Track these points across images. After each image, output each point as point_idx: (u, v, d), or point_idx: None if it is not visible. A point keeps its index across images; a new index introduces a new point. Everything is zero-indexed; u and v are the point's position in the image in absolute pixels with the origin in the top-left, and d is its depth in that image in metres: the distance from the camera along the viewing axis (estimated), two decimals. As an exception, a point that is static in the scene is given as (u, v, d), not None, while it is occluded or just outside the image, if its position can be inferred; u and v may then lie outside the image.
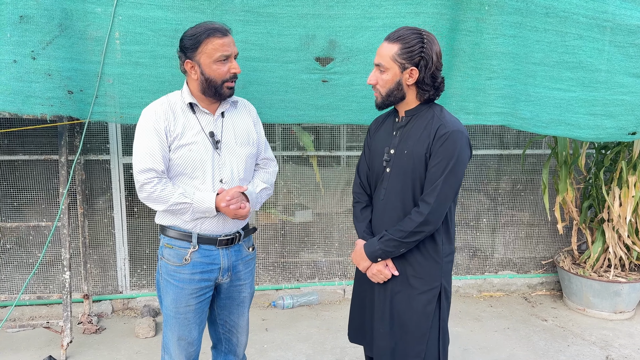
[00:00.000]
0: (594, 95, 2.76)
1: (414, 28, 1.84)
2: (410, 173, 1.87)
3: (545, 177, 3.74)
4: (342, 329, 3.43)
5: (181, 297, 2.00)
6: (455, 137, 1.80)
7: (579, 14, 2.59)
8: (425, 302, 1.91)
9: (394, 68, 1.82)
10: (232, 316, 2.18)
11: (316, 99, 2.59)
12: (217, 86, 1.92)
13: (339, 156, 3.87)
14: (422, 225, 1.83)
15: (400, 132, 1.92)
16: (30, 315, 3.45)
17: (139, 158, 1.90)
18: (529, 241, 4.15)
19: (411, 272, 1.93)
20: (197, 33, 1.87)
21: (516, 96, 2.67)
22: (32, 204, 3.45)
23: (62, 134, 2.98)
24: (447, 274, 1.95)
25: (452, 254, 1.98)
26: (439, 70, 1.85)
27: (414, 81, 1.83)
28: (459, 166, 1.82)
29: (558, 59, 2.66)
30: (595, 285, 3.61)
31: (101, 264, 3.60)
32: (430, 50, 1.80)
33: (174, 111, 1.94)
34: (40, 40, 2.31)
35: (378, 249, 1.91)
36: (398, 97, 1.88)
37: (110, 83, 2.44)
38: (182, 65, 1.95)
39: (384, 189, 1.95)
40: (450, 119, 1.85)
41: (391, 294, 1.96)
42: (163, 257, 2.03)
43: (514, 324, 3.55)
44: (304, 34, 2.47)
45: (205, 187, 1.97)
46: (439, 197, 1.81)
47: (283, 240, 3.86)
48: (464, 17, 2.49)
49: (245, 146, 2.05)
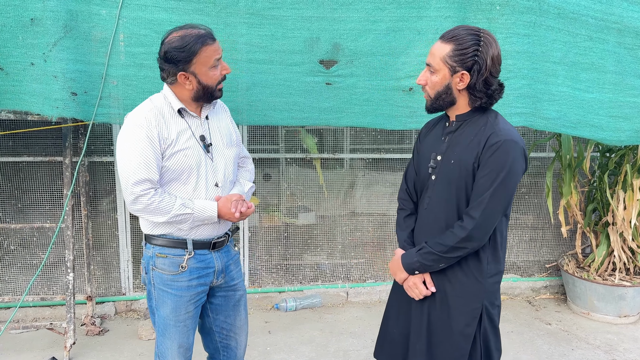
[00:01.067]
0: (610, 97, 2.72)
1: (472, 28, 1.68)
2: (456, 182, 1.73)
3: (549, 180, 3.73)
4: (346, 331, 3.43)
5: (181, 305, 1.96)
6: (508, 147, 1.64)
7: (588, 16, 2.58)
8: (465, 323, 1.76)
9: (443, 70, 1.69)
10: (228, 319, 2.13)
11: (320, 101, 2.59)
12: (213, 90, 1.89)
13: (342, 158, 3.87)
14: (465, 241, 1.68)
15: (450, 137, 1.78)
16: (33, 317, 3.46)
17: (132, 168, 1.81)
18: (532, 244, 4.13)
19: (450, 289, 1.78)
20: (188, 44, 1.79)
21: (537, 96, 2.64)
22: (36, 206, 3.46)
23: (66, 136, 2.99)
24: (491, 295, 1.79)
25: (499, 274, 1.80)
26: (494, 77, 1.69)
27: (465, 86, 1.69)
28: (510, 179, 1.65)
29: (574, 59, 2.63)
30: (600, 289, 3.59)
31: (104, 266, 3.60)
32: (485, 53, 1.64)
33: (164, 116, 1.87)
34: (48, 42, 2.33)
35: (416, 262, 1.78)
36: (447, 102, 1.74)
37: (115, 85, 2.44)
38: (170, 76, 1.86)
39: (428, 197, 1.83)
40: (504, 127, 1.69)
41: (428, 310, 1.83)
42: (155, 268, 1.95)
43: (517, 328, 3.54)
44: (308, 36, 2.48)
45: (198, 193, 1.92)
46: (485, 212, 1.66)
47: (286, 242, 3.86)
48: (475, 18, 2.48)
49: (230, 147, 2.03)
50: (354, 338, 3.34)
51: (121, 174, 1.85)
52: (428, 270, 1.80)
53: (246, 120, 2.62)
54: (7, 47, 2.30)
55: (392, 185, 3.89)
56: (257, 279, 3.83)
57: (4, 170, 3.40)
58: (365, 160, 3.88)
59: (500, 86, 1.74)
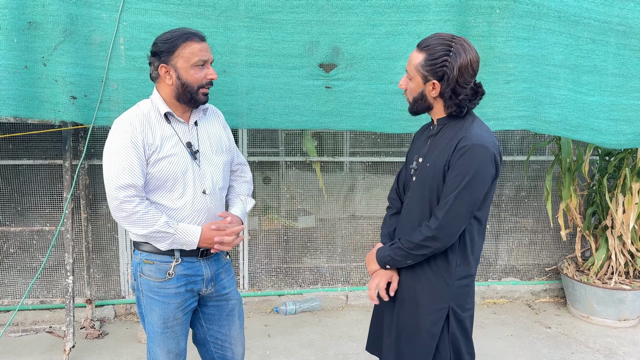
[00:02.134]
0: (612, 100, 2.72)
1: (446, 37, 1.72)
2: (429, 184, 1.78)
3: (548, 183, 3.73)
4: (345, 335, 3.42)
5: (169, 312, 1.93)
6: (475, 151, 1.68)
7: (590, 18, 2.58)
8: (431, 322, 1.81)
9: (417, 78, 1.75)
10: (222, 329, 2.08)
11: (319, 105, 2.59)
12: (193, 92, 1.86)
13: (342, 162, 3.87)
14: (429, 240, 1.73)
15: (431, 141, 1.84)
16: (33, 320, 3.46)
17: (116, 173, 1.79)
18: (532, 248, 4.13)
19: (419, 288, 1.83)
20: (173, 37, 1.81)
21: (538, 99, 2.64)
22: (36, 209, 3.46)
23: (66, 139, 3.00)
24: (459, 298, 1.81)
25: (468, 277, 1.83)
26: (463, 87, 1.72)
27: (437, 94, 1.75)
28: (475, 183, 1.69)
29: (576, 62, 2.63)
30: (599, 293, 3.59)
31: (104, 269, 3.60)
32: (453, 64, 1.68)
33: (149, 122, 1.85)
34: (48, 47, 2.33)
35: (387, 255, 1.85)
36: (423, 107, 1.81)
37: (115, 88, 2.45)
38: (154, 70, 1.87)
39: (407, 198, 1.90)
40: (476, 132, 1.72)
41: (398, 306, 1.89)
42: (142, 274, 1.93)
43: (517, 331, 3.54)
44: (308, 40, 2.48)
45: (185, 200, 1.89)
46: (449, 214, 1.70)
47: (286, 245, 3.86)
48: (475, 22, 2.48)
49: (220, 154, 2.01)
50: (354, 342, 3.33)
51: (105, 179, 1.83)
52: (397, 265, 1.86)
53: (246, 124, 2.62)
54: (2, 50, 2.28)
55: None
56: (256, 282, 3.83)
57: (4, 173, 3.41)
58: (365, 163, 3.88)
59: (474, 94, 1.76)
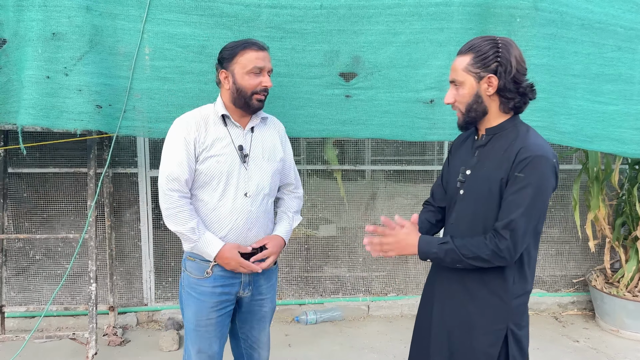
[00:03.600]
0: (637, 108, 2.66)
1: (487, 36, 1.68)
2: (484, 198, 1.67)
3: (576, 193, 3.64)
4: (366, 346, 3.38)
5: (202, 310, 2.01)
6: (538, 163, 1.58)
7: (617, 25, 2.53)
8: (488, 344, 1.70)
9: (469, 80, 1.66)
10: (253, 331, 2.17)
11: (340, 113, 2.58)
12: (247, 97, 1.95)
13: (364, 170, 3.85)
14: (494, 257, 1.62)
15: (480, 151, 1.73)
16: (57, 326, 3.51)
17: (165, 166, 1.95)
18: (559, 259, 4.03)
19: (473, 308, 1.72)
20: (235, 45, 1.95)
21: (554, 109, 2.60)
22: (61, 216, 3.52)
23: (91, 148, 3.04)
24: (516, 317, 1.71)
25: (526, 294, 1.73)
26: (523, 74, 1.65)
27: (495, 90, 1.65)
28: (539, 197, 1.59)
29: (597, 71, 2.58)
30: (630, 306, 3.48)
31: (127, 276, 3.64)
32: (507, 53, 1.62)
33: (206, 122, 1.98)
34: (72, 57, 2.37)
35: (434, 252, 1.68)
36: (480, 112, 1.69)
37: (139, 98, 2.48)
38: (217, 76, 2.00)
39: (455, 212, 1.78)
40: (535, 142, 1.62)
41: (450, 328, 1.78)
42: (186, 270, 2.05)
43: (543, 344, 3.44)
44: (329, 49, 2.48)
45: (225, 200, 1.97)
46: (516, 234, 1.59)
47: (307, 254, 3.84)
48: (495, 30, 2.45)
49: (272, 161, 2.07)
50: (375, 353, 3.29)
51: (160, 169, 1.98)
52: (441, 264, 1.74)
53: (267, 133, 2.63)
54: (28, 61, 2.34)
55: (413, 197, 3.85)
56: (277, 291, 3.81)
57: (31, 181, 3.48)
58: (387, 171, 3.85)
59: (531, 85, 1.69)
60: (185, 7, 2.38)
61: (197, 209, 2.00)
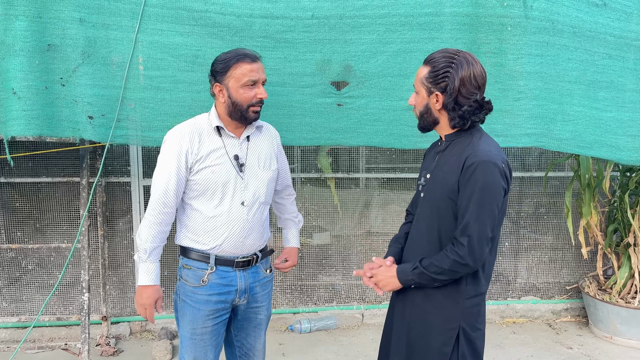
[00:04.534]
0: (629, 115, 2.69)
1: (449, 50, 1.75)
2: (438, 201, 1.76)
3: (568, 200, 3.66)
4: (361, 355, 3.38)
5: (197, 319, 2.01)
6: (484, 168, 1.65)
7: (606, 34, 2.56)
8: (442, 342, 1.78)
9: (422, 91, 1.78)
10: (248, 339, 2.17)
11: (331, 122, 2.60)
12: (243, 110, 1.95)
13: (358, 178, 3.86)
14: (459, 266, 1.69)
15: (439, 157, 1.83)
16: (49, 337, 3.48)
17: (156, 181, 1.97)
18: (552, 266, 4.05)
19: (430, 307, 1.81)
20: (227, 58, 1.93)
21: (550, 116, 2.62)
22: (54, 226, 3.51)
23: (83, 157, 3.05)
24: (469, 317, 1.78)
25: (479, 296, 1.79)
26: (467, 98, 1.71)
27: (441, 106, 1.76)
28: (489, 201, 1.66)
29: (592, 77, 2.61)
30: (623, 313, 3.49)
31: (120, 286, 3.62)
32: (454, 75, 1.69)
33: (200, 133, 1.98)
34: (66, 68, 2.40)
35: (411, 280, 1.80)
36: (430, 121, 1.82)
37: (132, 107, 2.49)
38: (211, 88, 2.00)
39: (417, 214, 1.89)
40: (483, 148, 1.70)
41: (408, 326, 1.87)
42: (181, 278, 2.06)
43: (537, 352, 3.44)
44: (320, 58, 2.50)
45: (221, 209, 1.98)
46: (472, 238, 1.66)
47: (300, 262, 3.84)
48: (486, 39, 2.48)
49: (267, 170, 2.09)
50: (369, 361, 3.29)
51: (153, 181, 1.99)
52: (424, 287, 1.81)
53: (260, 141, 2.65)
54: (23, 72, 2.35)
55: (407, 204, 3.85)
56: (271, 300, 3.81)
57: (23, 190, 3.47)
58: (380, 179, 3.87)
59: (479, 107, 1.73)
60: (177, 17, 2.40)
61: (193, 218, 2.00)
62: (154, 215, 1.95)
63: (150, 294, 1.97)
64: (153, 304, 1.98)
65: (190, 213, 2.01)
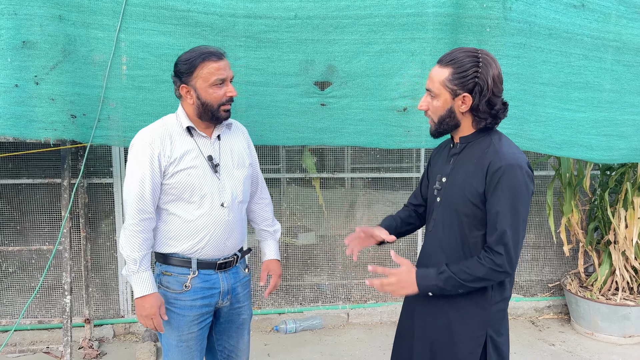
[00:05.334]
0: (604, 115, 2.72)
1: (469, 49, 1.67)
2: (460, 206, 1.69)
3: (549, 198, 3.71)
4: (346, 354, 3.38)
5: (183, 325, 1.97)
6: (514, 172, 1.59)
7: (583, 35, 2.59)
8: (468, 351, 1.71)
9: (444, 94, 1.66)
10: (231, 340, 2.14)
11: (315, 122, 2.60)
12: (214, 110, 1.90)
13: (343, 178, 3.87)
14: (494, 274, 1.62)
15: (454, 159, 1.76)
16: (31, 340, 3.43)
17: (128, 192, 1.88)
18: (535, 264, 4.10)
19: (454, 315, 1.73)
20: (191, 57, 1.86)
21: (524, 117, 2.65)
22: (35, 228, 3.46)
23: (65, 158, 3.01)
24: (496, 323, 1.72)
25: (504, 301, 1.74)
26: (498, 96, 1.67)
27: (468, 108, 1.66)
28: (521, 206, 1.61)
29: (565, 79, 2.63)
30: (603, 309, 3.54)
31: (103, 288, 3.58)
32: (485, 74, 1.62)
33: (170, 135, 1.92)
34: (43, 66, 2.34)
35: (434, 285, 1.68)
36: (451, 125, 1.71)
37: (113, 107, 2.46)
38: (177, 90, 1.94)
39: (432, 220, 1.80)
40: (507, 151, 1.64)
41: (432, 338, 1.79)
42: (161, 286, 1.98)
43: (520, 349, 3.48)
44: (303, 58, 2.50)
45: (202, 211, 1.93)
46: (508, 247, 1.60)
47: (286, 263, 3.84)
48: (466, 39, 2.50)
49: (242, 168, 2.05)
50: (354, 360, 3.30)
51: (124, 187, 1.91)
52: (444, 294, 1.71)
53: (243, 141, 2.64)
54: None
55: (392, 204, 3.88)
56: (256, 300, 3.80)
57: (3, 192, 3.42)
58: (366, 179, 3.88)
59: (504, 105, 1.71)
60: (159, 16, 2.38)
61: (171, 222, 1.94)
62: (134, 224, 1.87)
63: (152, 303, 1.87)
64: (158, 312, 1.88)
65: (167, 218, 1.95)
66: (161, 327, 1.91)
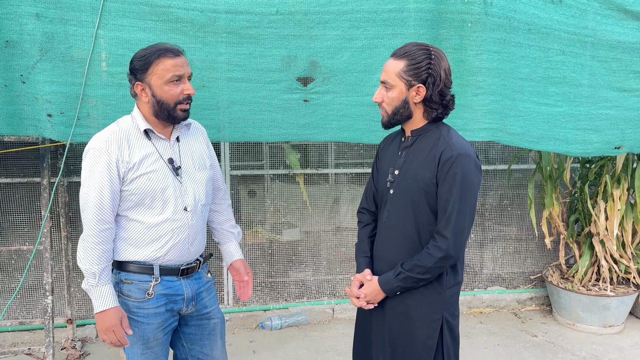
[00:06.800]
0: (580, 110, 2.77)
1: (421, 44, 1.76)
2: (413, 196, 1.77)
3: (531, 191, 3.76)
4: (332, 349, 3.40)
5: (148, 333, 1.88)
6: (462, 160, 1.69)
7: (561, 30, 2.62)
8: (426, 335, 1.79)
9: (400, 85, 1.74)
10: (204, 349, 2.04)
11: (298, 117, 2.60)
12: (170, 109, 1.82)
13: (327, 174, 3.87)
14: (442, 261, 1.72)
15: (406, 152, 1.83)
16: (12, 342, 3.38)
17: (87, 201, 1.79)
18: (517, 256, 4.15)
19: (411, 301, 1.81)
20: (147, 54, 1.79)
21: (504, 111, 2.68)
22: (14, 228, 3.40)
23: (44, 156, 2.96)
24: (450, 306, 1.82)
25: (457, 285, 1.84)
26: (448, 88, 1.77)
27: (421, 99, 1.75)
28: (469, 192, 1.70)
29: (543, 74, 2.67)
30: (584, 300, 3.61)
31: (86, 288, 3.54)
32: (438, 66, 1.71)
33: (128, 139, 1.83)
34: (26, 65, 2.33)
35: (396, 286, 1.79)
36: (404, 116, 1.79)
37: (93, 104, 2.43)
38: (132, 88, 1.85)
39: (387, 212, 1.86)
40: (457, 141, 1.74)
41: (389, 323, 1.86)
42: (122, 295, 1.87)
43: (504, 340, 3.53)
44: (286, 54, 2.49)
45: (165, 216, 1.85)
46: (456, 230, 1.70)
47: (270, 259, 3.83)
48: (447, 35, 2.51)
49: (203, 170, 1.98)
50: (340, 355, 3.31)
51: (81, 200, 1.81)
52: (409, 289, 1.82)
53: (227, 138, 2.62)
54: None
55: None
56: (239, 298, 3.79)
57: (-18, 192, 3.35)
58: (349, 175, 3.89)
59: (452, 97, 1.80)
60: (139, 12, 2.35)
61: (132, 229, 1.86)
62: (94, 235, 1.78)
63: (113, 315, 1.78)
64: (119, 324, 1.79)
65: (127, 224, 1.86)
66: (125, 340, 1.81)
